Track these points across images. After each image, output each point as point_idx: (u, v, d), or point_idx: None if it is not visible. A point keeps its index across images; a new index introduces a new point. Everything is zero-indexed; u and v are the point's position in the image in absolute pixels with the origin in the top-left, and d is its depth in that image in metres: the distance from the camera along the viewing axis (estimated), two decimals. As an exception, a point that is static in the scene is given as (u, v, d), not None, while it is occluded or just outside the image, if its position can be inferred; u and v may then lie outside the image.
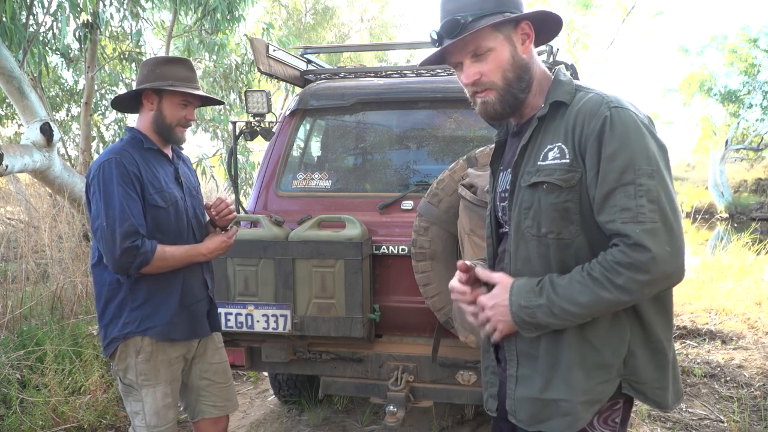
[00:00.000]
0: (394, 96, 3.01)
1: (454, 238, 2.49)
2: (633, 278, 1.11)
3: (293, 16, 16.98)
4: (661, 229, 1.10)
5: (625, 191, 1.12)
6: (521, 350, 1.31)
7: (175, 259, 1.95)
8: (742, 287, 5.89)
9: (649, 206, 1.11)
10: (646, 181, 1.12)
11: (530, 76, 1.29)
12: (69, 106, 9.21)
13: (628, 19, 18.46)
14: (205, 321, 2.14)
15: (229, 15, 7.70)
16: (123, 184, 1.87)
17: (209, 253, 2.04)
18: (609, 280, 1.13)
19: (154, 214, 1.94)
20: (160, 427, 2.01)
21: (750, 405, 3.56)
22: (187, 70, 2.03)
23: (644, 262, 1.10)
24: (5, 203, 7.70)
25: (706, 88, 21.01)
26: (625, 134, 1.15)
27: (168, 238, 1.98)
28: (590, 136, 1.18)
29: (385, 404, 2.58)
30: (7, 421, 2.94)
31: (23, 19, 5.44)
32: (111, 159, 1.90)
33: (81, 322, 4.06)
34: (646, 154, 1.14)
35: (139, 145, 2.01)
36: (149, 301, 1.97)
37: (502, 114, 1.30)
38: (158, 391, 2.00)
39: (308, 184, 3.00)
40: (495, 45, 1.25)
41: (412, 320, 2.76)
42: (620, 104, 1.19)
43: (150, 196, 1.93)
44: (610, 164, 1.14)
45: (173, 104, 2.00)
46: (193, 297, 2.07)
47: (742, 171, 22.50)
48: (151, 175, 1.96)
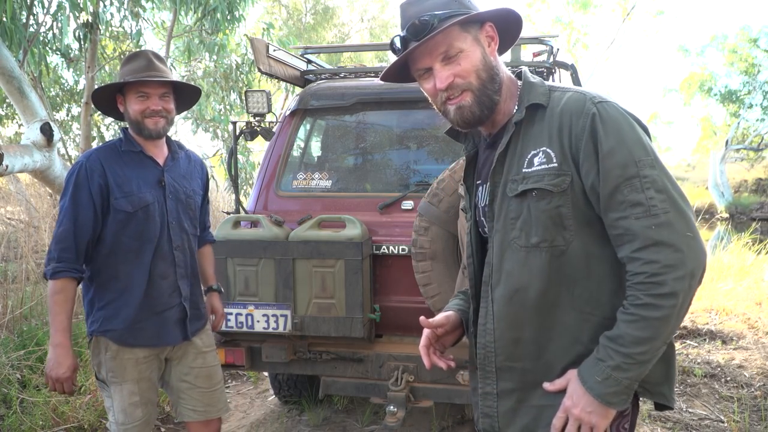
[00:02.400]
0: (394, 96, 3.01)
1: (455, 238, 2.49)
2: (674, 278, 1.07)
3: (293, 16, 16.99)
4: (675, 217, 1.09)
5: (632, 185, 1.10)
6: (501, 366, 1.26)
7: (52, 305, 1.88)
8: (742, 287, 5.89)
9: (658, 197, 1.09)
10: (650, 171, 1.11)
11: (500, 78, 1.24)
12: (69, 106, 9.21)
13: (628, 19, 18.47)
14: (176, 329, 2.06)
15: (229, 15, 7.71)
16: (77, 188, 1.89)
17: (50, 358, 1.88)
18: (654, 296, 1.08)
19: (119, 218, 1.93)
20: (127, 425, 1.99)
21: (750, 405, 3.56)
22: (141, 62, 1.96)
23: (675, 257, 1.07)
24: (5, 203, 7.71)
25: (707, 88, 21.02)
26: (618, 128, 1.13)
27: (135, 241, 1.96)
28: (581, 136, 1.15)
29: (386, 404, 2.58)
30: (7, 421, 2.94)
31: (23, 19, 5.44)
32: (78, 163, 1.94)
33: (81, 322, 4.05)
34: (642, 145, 1.13)
35: (116, 148, 2.00)
36: (112, 303, 1.96)
37: (480, 117, 1.24)
38: (125, 389, 1.97)
39: (308, 184, 3.00)
40: (465, 46, 1.20)
41: (413, 320, 2.74)
42: (603, 99, 1.17)
43: (115, 201, 1.92)
44: (610, 161, 1.12)
45: (132, 98, 1.96)
46: (162, 304, 2.01)
47: (743, 171, 22.50)
48: (120, 179, 1.94)
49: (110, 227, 1.93)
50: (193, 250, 2.14)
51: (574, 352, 1.21)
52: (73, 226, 1.88)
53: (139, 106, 1.95)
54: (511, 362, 1.25)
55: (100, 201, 1.91)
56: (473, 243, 1.37)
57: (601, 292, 1.19)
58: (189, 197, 2.12)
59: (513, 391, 1.26)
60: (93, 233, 1.91)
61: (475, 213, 1.38)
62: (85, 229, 1.89)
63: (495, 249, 1.26)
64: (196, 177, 2.20)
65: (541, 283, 1.20)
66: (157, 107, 1.96)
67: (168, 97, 2.00)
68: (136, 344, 1.98)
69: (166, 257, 2.02)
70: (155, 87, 1.96)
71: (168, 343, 2.06)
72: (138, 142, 2.01)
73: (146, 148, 2.02)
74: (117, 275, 1.95)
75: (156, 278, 1.99)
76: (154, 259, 1.98)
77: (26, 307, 4.09)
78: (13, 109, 8.48)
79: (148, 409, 2.04)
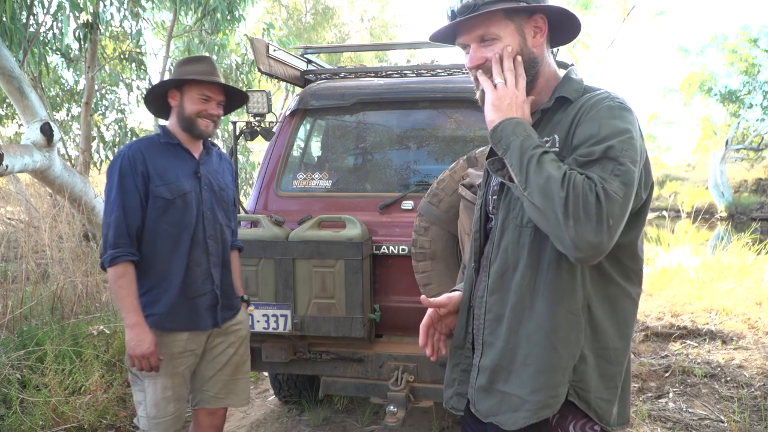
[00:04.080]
0: (394, 96, 3.01)
1: (455, 238, 2.49)
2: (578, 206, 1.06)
3: (293, 16, 16.99)
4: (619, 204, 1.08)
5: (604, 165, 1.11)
6: (486, 340, 1.30)
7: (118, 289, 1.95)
8: (742, 287, 5.89)
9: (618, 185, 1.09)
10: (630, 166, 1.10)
11: (536, 71, 1.27)
12: (69, 106, 9.21)
13: (628, 19, 18.46)
14: (208, 315, 2.14)
15: (229, 15, 7.71)
16: (122, 176, 1.98)
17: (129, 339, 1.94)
18: (559, 198, 1.08)
19: (159, 205, 2.01)
20: (158, 419, 2.03)
21: (750, 405, 3.56)
22: (206, 66, 2.09)
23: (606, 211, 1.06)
24: (5, 203, 7.70)
25: (707, 88, 21.02)
26: (619, 124, 1.15)
27: (174, 228, 2.04)
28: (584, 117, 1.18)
29: (386, 404, 2.58)
30: (7, 421, 2.94)
31: (23, 19, 5.44)
32: (120, 153, 2.03)
33: (81, 322, 4.06)
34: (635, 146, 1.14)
35: (155, 140, 2.10)
36: (153, 289, 2.04)
37: None
38: (158, 383, 2.03)
39: (308, 184, 3.00)
40: (503, 34, 1.23)
41: (413, 320, 2.74)
42: (623, 102, 1.20)
43: (156, 188, 2.01)
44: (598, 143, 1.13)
45: (192, 97, 2.06)
46: (196, 290, 2.09)
47: (743, 171, 22.50)
48: (161, 168, 2.04)
49: (150, 214, 2.01)
50: (225, 241, 2.21)
51: (534, 339, 1.22)
52: (123, 213, 1.96)
53: (198, 106, 2.06)
54: (492, 338, 1.29)
55: (143, 188, 2.00)
56: (480, 219, 1.42)
57: (570, 283, 1.20)
58: (222, 190, 2.21)
59: (487, 368, 1.29)
60: (141, 219, 2.00)
61: (486, 191, 1.42)
62: (134, 214, 1.98)
63: (498, 226, 1.30)
64: (226, 173, 2.29)
65: (523, 262, 1.24)
66: (214, 112, 2.10)
67: (221, 105, 2.13)
68: (173, 328, 2.05)
69: (200, 245, 2.10)
70: (217, 93, 2.09)
71: (200, 329, 2.12)
72: (176, 136, 2.11)
73: (184, 143, 2.12)
74: (157, 262, 2.03)
75: (191, 265, 2.07)
76: (190, 246, 2.07)
77: (26, 307, 4.09)
78: (13, 109, 8.47)
79: (179, 405, 2.09)
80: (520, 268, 1.24)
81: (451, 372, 1.42)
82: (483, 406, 1.29)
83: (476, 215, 1.43)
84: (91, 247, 5.30)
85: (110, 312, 4.41)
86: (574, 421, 1.24)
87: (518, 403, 1.23)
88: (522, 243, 1.24)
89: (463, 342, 1.40)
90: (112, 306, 4.55)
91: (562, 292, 1.20)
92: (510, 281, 1.26)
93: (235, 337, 2.25)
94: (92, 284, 4.56)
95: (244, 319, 2.33)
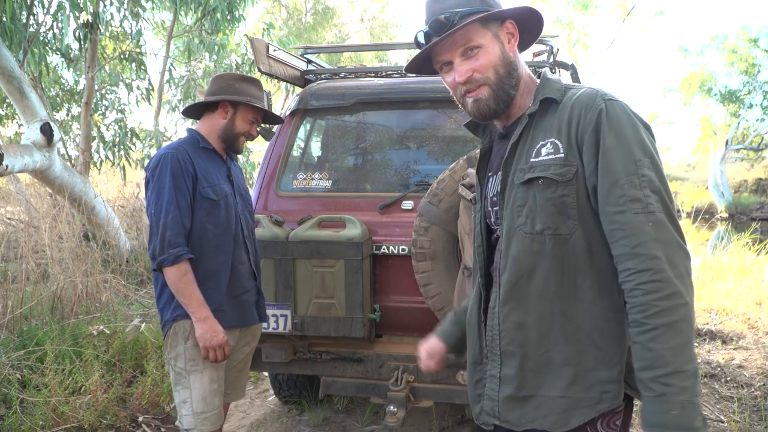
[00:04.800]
0: (394, 96, 3.01)
1: (455, 238, 2.49)
2: (675, 275, 1.07)
3: (293, 16, 16.99)
4: (667, 219, 1.12)
5: (631, 182, 1.12)
6: (505, 350, 1.28)
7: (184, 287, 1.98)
8: (742, 287, 5.89)
9: (654, 196, 1.12)
10: (647, 171, 1.13)
11: (518, 74, 1.29)
12: (69, 106, 9.21)
13: (628, 19, 18.47)
14: (254, 310, 2.25)
15: (229, 15, 7.71)
16: (175, 177, 2.02)
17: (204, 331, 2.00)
18: (666, 297, 1.06)
19: (206, 205, 2.08)
20: (206, 413, 2.06)
21: (750, 405, 3.56)
22: (258, 90, 2.21)
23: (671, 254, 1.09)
24: (5, 203, 7.71)
25: (707, 88, 21.02)
26: (621, 127, 1.16)
27: (218, 228, 2.10)
28: (587, 128, 1.17)
29: (386, 404, 2.58)
30: (7, 421, 2.94)
31: (23, 19, 5.44)
32: (167, 154, 2.06)
33: (81, 322, 4.06)
34: (643, 146, 1.15)
35: (195, 144, 2.16)
36: (200, 288, 2.04)
37: (495, 111, 1.29)
38: (205, 377, 2.06)
39: (308, 184, 3.00)
40: (485, 42, 1.25)
41: (413, 320, 2.76)
42: (613, 97, 1.20)
43: (203, 189, 2.08)
44: (610, 156, 1.15)
45: (245, 118, 2.19)
46: (241, 287, 2.18)
47: (743, 171, 22.50)
48: (204, 170, 2.11)
49: (197, 215, 2.06)
50: (256, 241, 2.33)
51: (574, 340, 1.21)
52: (179, 212, 2.01)
53: (247, 127, 2.20)
54: (513, 347, 1.27)
55: (192, 189, 2.06)
56: (482, 232, 1.41)
57: (604, 282, 1.20)
58: (246, 193, 2.33)
59: (513, 377, 1.27)
60: (192, 218, 2.05)
61: (483, 204, 1.42)
62: (187, 214, 2.04)
63: (503, 235, 1.29)
64: (242, 179, 2.39)
65: (543, 269, 1.22)
66: (255, 134, 2.25)
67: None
68: (224, 325, 2.07)
69: (241, 245, 2.19)
70: (260, 117, 2.26)
71: (248, 324, 2.23)
72: (210, 142, 2.20)
73: (216, 149, 2.21)
74: (203, 261, 2.07)
75: (236, 264, 2.16)
76: (234, 246, 2.15)
77: (26, 307, 4.09)
78: (13, 109, 8.47)
79: (221, 399, 2.13)
80: (538, 274, 1.22)
81: (475, 388, 1.40)
82: (514, 415, 1.27)
83: (476, 230, 1.42)
84: (91, 247, 5.30)
85: (110, 312, 4.41)
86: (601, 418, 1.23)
87: (566, 404, 1.21)
88: (536, 250, 1.22)
89: (480, 357, 1.38)
90: (112, 306, 4.55)
91: (596, 292, 1.20)
92: (526, 288, 1.24)
93: (252, 336, 2.34)
94: (92, 284, 4.56)
95: None
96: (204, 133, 2.19)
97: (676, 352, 1.05)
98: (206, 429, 2.06)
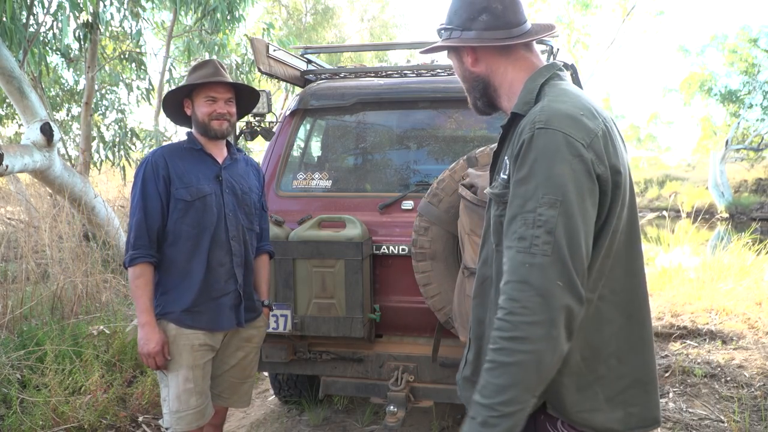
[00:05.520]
0: (394, 96, 3.01)
1: (455, 238, 2.49)
2: (529, 321, 1.04)
3: (293, 16, 16.99)
4: (552, 262, 1.05)
5: (524, 219, 1.09)
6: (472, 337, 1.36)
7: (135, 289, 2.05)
8: (742, 287, 5.89)
9: (544, 237, 1.06)
10: (546, 211, 1.07)
11: (483, 85, 1.34)
12: (69, 106, 9.21)
13: (628, 19, 18.46)
14: (231, 314, 2.19)
15: (229, 15, 7.71)
16: (146, 181, 2.07)
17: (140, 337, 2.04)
18: (507, 339, 1.05)
19: (180, 206, 2.09)
20: (181, 413, 2.06)
21: (750, 405, 3.56)
22: (209, 69, 2.15)
23: (534, 301, 1.04)
24: (5, 203, 7.70)
25: (707, 88, 21.00)
26: (537, 159, 1.10)
27: (194, 229, 2.10)
28: (515, 154, 1.16)
29: (386, 404, 2.58)
30: (7, 421, 2.94)
31: (23, 19, 5.44)
32: (144, 159, 2.13)
33: (81, 322, 4.06)
34: (554, 183, 1.08)
35: (179, 146, 2.19)
36: (175, 288, 2.10)
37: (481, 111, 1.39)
38: (180, 375, 2.07)
39: (308, 184, 3.00)
40: (452, 61, 1.38)
41: (413, 320, 2.76)
42: (548, 124, 1.12)
43: (176, 191, 2.09)
44: (517, 189, 1.12)
45: (200, 102, 2.14)
46: (219, 289, 2.14)
47: (743, 171, 22.49)
48: (181, 171, 2.11)
49: (171, 216, 2.09)
50: (248, 242, 2.26)
51: None
52: (144, 216, 2.05)
53: (206, 108, 2.13)
54: (473, 338, 1.35)
55: (164, 191, 2.08)
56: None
57: None
58: (245, 194, 2.27)
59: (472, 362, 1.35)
60: (162, 221, 2.08)
61: None
62: (154, 217, 2.06)
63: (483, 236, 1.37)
64: (252, 178, 2.36)
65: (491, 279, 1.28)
66: (222, 110, 2.15)
67: (231, 102, 2.20)
68: (194, 326, 2.10)
69: (223, 246, 2.15)
70: (222, 92, 2.15)
71: (223, 328, 2.18)
72: (199, 142, 2.20)
73: (206, 147, 2.20)
74: (178, 262, 2.10)
75: (214, 265, 2.13)
76: (211, 247, 2.12)
77: (26, 307, 4.09)
78: (13, 109, 8.47)
79: (202, 400, 2.11)
80: (489, 280, 1.28)
81: None
82: (466, 394, 1.33)
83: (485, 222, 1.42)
84: (91, 247, 5.30)
85: (110, 312, 4.41)
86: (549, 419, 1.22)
87: None
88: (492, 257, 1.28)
89: None
90: (112, 306, 4.55)
91: None
92: (489, 289, 1.28)
93: (246, 340, 2.29)
94: (92, 284, 4.56)
95: (262, 325, 2.35)
96: (195, 134, 2.22)
97: (496, 388, 1.06)
98: (180, 428, 2.07)
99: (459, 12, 1.30)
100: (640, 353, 1.23)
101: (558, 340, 1.05)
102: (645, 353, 1.23)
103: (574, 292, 1.06)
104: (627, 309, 1.21)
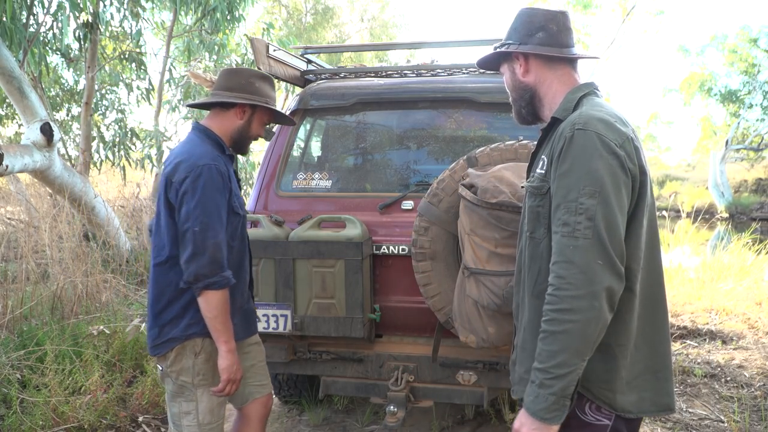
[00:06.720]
0: (394, 96, 3.01)
1: (455, 238, 2.49)
2: (573, 295, 1.21)
3: (293, 16, 16.99)
4: (592, 245, 1.22)
5: (568, 207, 1.26)
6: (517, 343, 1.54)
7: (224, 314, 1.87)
8: (742, 287, 5.89)
9: (585, 223, 1.23)
10: (587, 200, 1.24)
11: (530, 95, 1.52)
12: (69, 106, 9.21)
13: (628, 19, 18.46)
14: (254, 320, 2.19)
15: (229, 15, 7.71)
16: (220, 192, 1.86)
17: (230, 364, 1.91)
18: (555, 311, 1.23)
19: (234, 221, 1.96)
20: (212, 425, 2.02)
21: (750, 405, 3.56)
22: (273, 90, 2.10)
23: (578, 278, 1.21)
24: (5, 203, 7.71)
25: (707, 88, 21.01)
26: (578, 156, 1.28)
27: (241, 244, 2.03)
28: (556, 152, 1.34)
29: (386, 404, 2.58)
30: (7, 421, 2.94)
31: (23, 19, 5.44)
32: (208, 166, 1.86)
33: (81, 322, 4.06)
34: (593, 176, 1.25)
35: (222, 150, 1.99)
36: None
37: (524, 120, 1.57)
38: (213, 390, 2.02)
39: (308, 184, 3.00)
40: (503, 70, 1.58)
41: (413, 320, 2.76)
42: (586, 126, 1.30)
43: (234, 204, 1.94)
44: (561, 181, 1.30)
45: (261, 122, 2.07)
46: (244, 299, 2.10)
47: (743, 171, 22.49)
48: (233, 183, 1.98)
49: (227, 231, 1.91)
50: None
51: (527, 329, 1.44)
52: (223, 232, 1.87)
53: (261, 131, 2.09)
54: (517, 321, 1.54)
55: (225, 205, 1.90)
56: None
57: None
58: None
59: (516, 346, 1.53)
60: None
61: None
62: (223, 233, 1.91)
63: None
64: None
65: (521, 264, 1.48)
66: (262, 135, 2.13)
67: None
68: (238, 339, 2.00)
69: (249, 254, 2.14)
70: (272, 118, 2.14)
71: (251, 334, 2.16)
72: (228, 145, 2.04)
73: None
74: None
75: (244, 274, 2.09)
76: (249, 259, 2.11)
77: (26, 307, 4.09)
78: (13, 109, 8.47)
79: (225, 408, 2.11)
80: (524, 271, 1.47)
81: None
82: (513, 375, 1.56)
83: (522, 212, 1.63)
84: (91, 247, 5.30)
85: (110, 312, 4.41)
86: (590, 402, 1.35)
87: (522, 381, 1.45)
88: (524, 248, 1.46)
89: None
90: (112, 306, 4.55)
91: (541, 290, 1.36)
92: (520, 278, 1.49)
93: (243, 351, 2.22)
94: (92, 284, 4.56)
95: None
96: (220, 134, 2.01)
97: (549, 354, 1.24)
98: None
99: (518, 29, 1.50)
100: (651, 343, 1.37)
101: (600, 311, 1.21)
102: (656, 343, 1.38)
103: (613, 270, 1.23)
104: (646, 301, 1.35)
